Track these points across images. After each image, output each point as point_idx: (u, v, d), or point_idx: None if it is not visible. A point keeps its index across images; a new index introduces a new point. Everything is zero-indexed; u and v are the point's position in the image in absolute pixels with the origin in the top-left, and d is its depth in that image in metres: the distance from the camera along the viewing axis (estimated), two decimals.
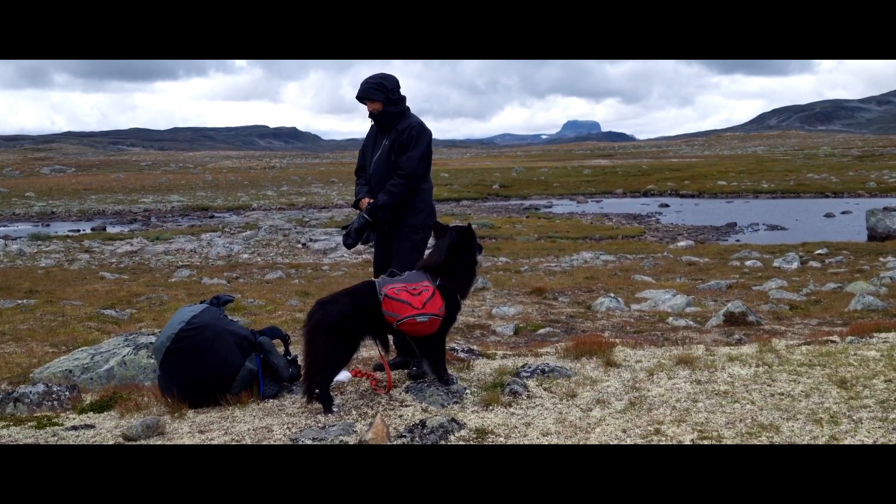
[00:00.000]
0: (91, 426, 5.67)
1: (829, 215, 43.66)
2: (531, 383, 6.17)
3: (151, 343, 8.80)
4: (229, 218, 49.40)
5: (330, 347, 5.61)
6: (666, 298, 15.62)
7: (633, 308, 14.87)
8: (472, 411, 5.60)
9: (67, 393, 6.41)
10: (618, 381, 6.25)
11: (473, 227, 6.27)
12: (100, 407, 6.17)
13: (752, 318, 12.23)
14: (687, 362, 6.58)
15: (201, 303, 6.33)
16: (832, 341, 7.49)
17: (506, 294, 16.89)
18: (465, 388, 6.07)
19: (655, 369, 6.48)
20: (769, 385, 5.95)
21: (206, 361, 5.84)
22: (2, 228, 46.39)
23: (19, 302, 16.96)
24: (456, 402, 5.80)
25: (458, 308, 6.11)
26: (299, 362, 6.47)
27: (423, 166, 6.58)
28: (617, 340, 8.20)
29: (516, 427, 5.18)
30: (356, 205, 6.85)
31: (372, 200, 6.62)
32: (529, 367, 6.48)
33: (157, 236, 36.77)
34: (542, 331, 11.93)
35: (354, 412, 5.74)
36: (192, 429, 5.45)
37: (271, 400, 6.08)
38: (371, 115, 6.63)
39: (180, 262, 27.80)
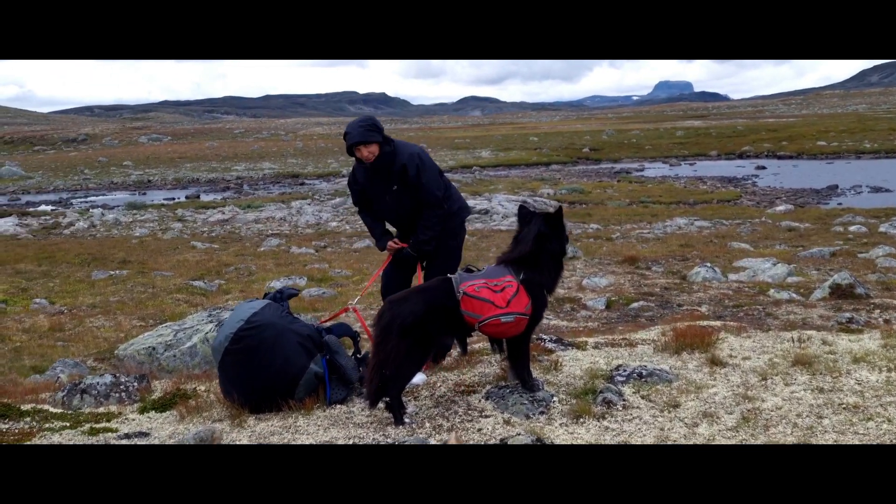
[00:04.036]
0: (146, 434, 5.33)
1: None
2: (627, 390, 5.49)
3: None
4: (319, 185, 49.73)
5: (402, 351, 5.08)
6: (765, 268, 14.96)
7: (730, 278, 14.25)
8: (559, 424, 5.02)
9: (136, 384, 6.22)
10: (726, 386, 5.52)
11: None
12: (162, 406, 5.86)
13: (861, 291, 11.53)
14: (805, 363, 5.74)
15: (265, 296, 5.93)
16: None
17: (597, 263, 16.41)
18: (553, 396, 5.44)
19: (768, 371, 5.71)
20: None
21: (266, 364, 5.42)
22: (100, 197, 47.72)
23: (112, 273, 17.28)
24: (542, 413, 5.19)
25: (545, 305, 5.51)
26: None
27: (441, 187, 6.34)
28: (718, 324, 7.62)
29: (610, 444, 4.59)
30: (382, 247, 6.68)
31: (399, 243, 6.56)
32: (625, 370, 5.77)
33: (248, 204, 37.22)
34: (635, 304, 11.47)
35: (428, 424, 5.19)
36: (250, 439, 5.08)
37: (339, 406, 5.60)
38: (366, 164, 6.17)
39: (270, 231, 28.04)
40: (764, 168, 51.20)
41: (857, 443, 4.39)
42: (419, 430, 5.05)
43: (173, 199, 44.62)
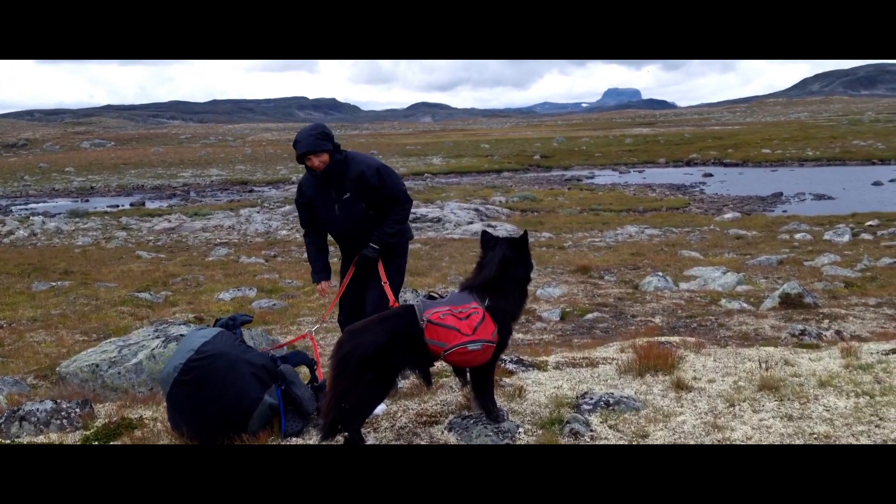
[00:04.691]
0: None
1: (877, 183, 42.55)
2: (594, 419, 5.22)
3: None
4: (268, 192, 49.28)
5: (362, 384, 4.81)
6: (715, 276, 15.08)
7: (682, 287, 14.32)
8: None
9: (78, 409, 5.91)
10: (693, 414, 5.30)
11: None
12: (105, 436, 5.48)
13: (810, 300, 11.67)
14: (771, 388, 5.58)
15: (216, 323, 5.61)
16: None
17: (550, 272, 16.39)
18: (518, 427, 5.15)
19: (735, 397, 5.55)
20: (878, 426, 4.89)
21: (218, 396, 5.08)
22: (41, 204, 46.71)
23: (53, 284, 16.81)
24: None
25: (511, 332, 5.28)
26: None
27: (405, 189, 6.17)
28: (677, 340, 7.56)
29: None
30: (316, 280, 6.48)
31: (332, 284, 6.44)
32: (591, 398, 5.51)
33: (195, 212, 36.68)
34: (589, 316, 11.43)
35: None
36: None
37: (294, 439, 5.26)
38: (316, 173, 5.92)
39: (218, 240, 27.62)
40: (711, 175, 51.99)
41: None
42: None
43: (117, 206, 43.78)
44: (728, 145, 69.40)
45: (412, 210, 6.48)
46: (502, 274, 5.22)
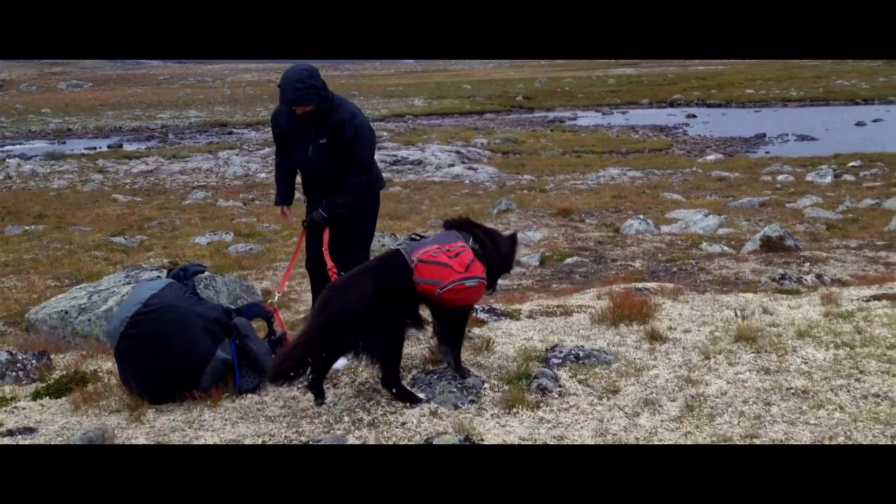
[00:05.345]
0: (32, 430, 4.74)
1: (860, 124, 42.31)
2: (563, 374, 5.01)
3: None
4: (248, 134, 48.64)
5: (372, 342, 4.65)
6: (697, 219, 15.00)
7: (663, 230, 14.22)
8: (490, 416, 4.56)
9: (34, 361, 5.73)
10: (667, 367, 5.11)
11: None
12: (57, 391, 5.31)
13: (791, 243, 11.59)
14: (748, 339, 5.38)
15: (169, 272, 5.38)
16: None
17: (531, 215, 16.25)
18: (483, 382, 4.98)
19: (711, 348, 5.33)
20: (858, 380, 4.73)
21: (166, 350, 4.87)
22: (17, 146, 45.89)
23: (27, 228, 16.56)
24: (472, 402, 4.74)
25: (497, 276, 5.25)
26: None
27: (373, 156, 5.98)
28: (654, 286, 7.40)
29: (546, 444, 4.21)
30: (276, 203, 6.33)
31: (287, 213, 6.28)
32: (561, 350, 5.29)
33: (173, 154, 36.15)
34: (569, 260, 11.31)
35: (347, 417, 4.65)
36: (147, 438, 4.51)
37: (249, 395, 5.04)
38: (300, 116, 5.66)
39: (196, 183, 27.26)
40: (694, 116, 51.60)
41: (808, 434, 4.11)
42: (336, 426, 4.56)
43: (94, 148, 43.00)
44: (711, 86, 68.88)
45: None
46: (493, 239, 5.19)
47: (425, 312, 5.10)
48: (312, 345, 4.64)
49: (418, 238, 5.04)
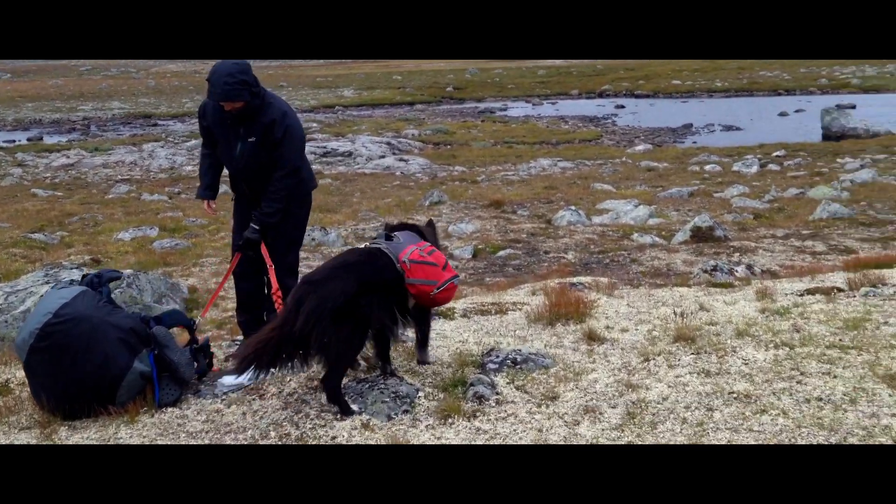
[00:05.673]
0: None
1: (783, 114, 43.24)
2: (500, 380, 4.82)
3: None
4: (173, 126, 47.58)
5: (341, 338, 4.42)
6: (628, 209, 15.12)
7: (594, 221, 14.28)
8: (425, 427, 4.35)
9: None
10: (606, 370, 4.96)
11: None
12: None
13: (720, 233, 11.73)
14: (687, 339, 5.25)
15: (83, 278, 5.05)
16: (839, 289, 6.42)
17: (462, 207, 16.17)
18: (418, 391, 4.76)
19: (650, 350, 5.20)
20: (799, 382, 4.62)
21: (79, 364, 4.56)
22: None
23: None
24: (406, 412, 4.52)
25: None
26: (212, 349, 5.30)
27: (301, 156, 5.74)
28: (588, 280, 7.38)
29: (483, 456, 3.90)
30: (198, 196, 6.11)
31: (212, 208, 6.08)
32: (497, 355, 5.10)
33: (95, 147, 35.14)
34: (502, 252, 11.26)
35: (273, 432, 4.40)
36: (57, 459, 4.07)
37: (170, 409, 4.74)
38: (229, 112, 5.40)
39: (119, 176, 26.55)
40: (623, 107, 52.17)
41: (752, 442, 4.00)
42: (262, 442, 4.32)
43: (13, 141, 41.58)
44: (639, 76, 69.81)
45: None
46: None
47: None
48: (287, 338, 4.42)
49: (392, 238, 4.87)
